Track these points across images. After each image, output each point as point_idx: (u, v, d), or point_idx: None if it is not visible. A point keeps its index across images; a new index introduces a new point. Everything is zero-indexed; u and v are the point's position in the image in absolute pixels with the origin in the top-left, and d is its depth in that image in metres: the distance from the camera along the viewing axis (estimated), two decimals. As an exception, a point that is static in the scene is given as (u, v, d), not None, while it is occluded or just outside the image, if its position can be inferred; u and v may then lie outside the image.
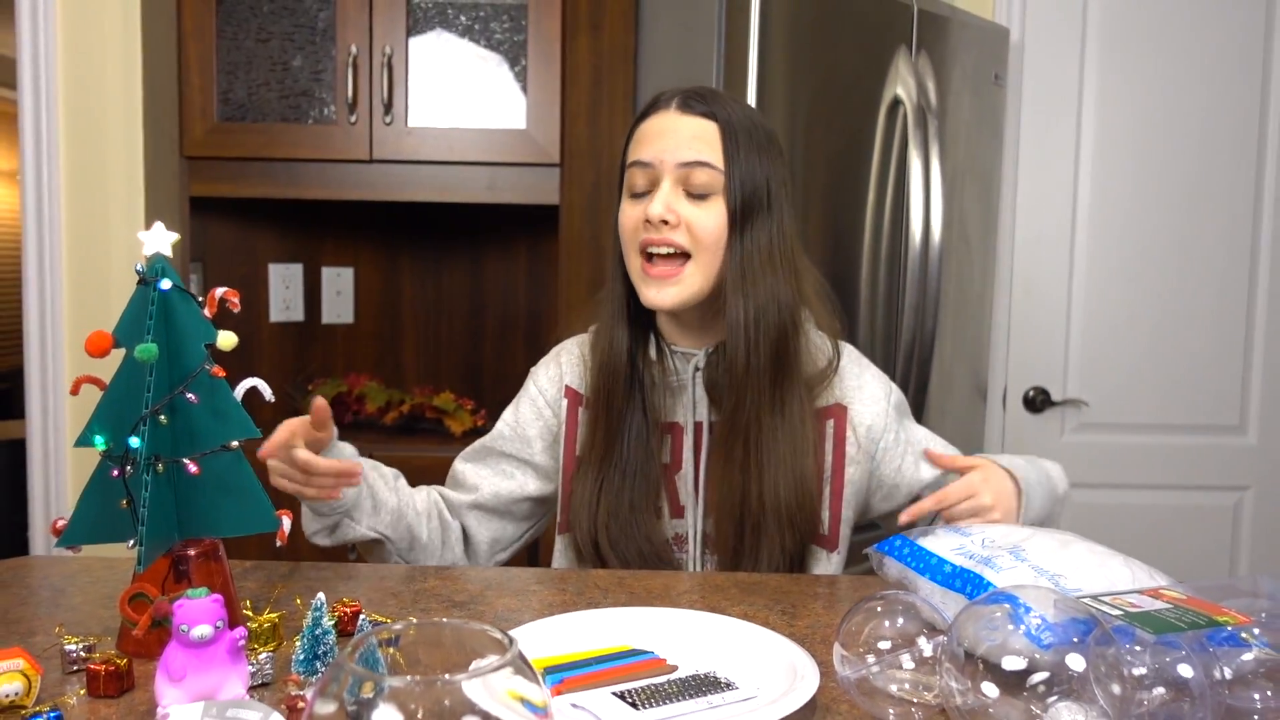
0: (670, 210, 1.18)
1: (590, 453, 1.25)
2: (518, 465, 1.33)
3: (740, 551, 1.21)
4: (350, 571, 1.15)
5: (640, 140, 1.23)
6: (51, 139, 2.20)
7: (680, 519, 1.26)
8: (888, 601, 0.82)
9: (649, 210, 1.18)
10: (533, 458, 1.33)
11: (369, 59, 2.23)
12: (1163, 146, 2.53)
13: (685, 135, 1.19)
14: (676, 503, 1.26)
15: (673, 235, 1.19)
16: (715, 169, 1.19)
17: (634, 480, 1.22)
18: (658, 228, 1.18)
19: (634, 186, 1.22)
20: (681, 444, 1.26)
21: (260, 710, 0.69)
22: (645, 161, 1.20)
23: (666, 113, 1.22)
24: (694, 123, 1.20)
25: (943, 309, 2.24)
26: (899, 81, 2.13)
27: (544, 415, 1.33)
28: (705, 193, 1.19)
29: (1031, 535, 0.97)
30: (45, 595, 1.07)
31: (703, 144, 1.19)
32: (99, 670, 0.81)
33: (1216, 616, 0.75)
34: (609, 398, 1.24)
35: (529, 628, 0.93)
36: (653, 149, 1.20)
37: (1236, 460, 2.63)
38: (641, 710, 0.79)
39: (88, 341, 0.87)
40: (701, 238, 1.19)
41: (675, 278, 1.19)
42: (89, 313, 2.23)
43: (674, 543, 1.26)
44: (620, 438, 1.23)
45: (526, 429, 1.33)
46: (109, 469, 0.88)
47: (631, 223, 1.21)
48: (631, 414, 1.23)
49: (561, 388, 1.33)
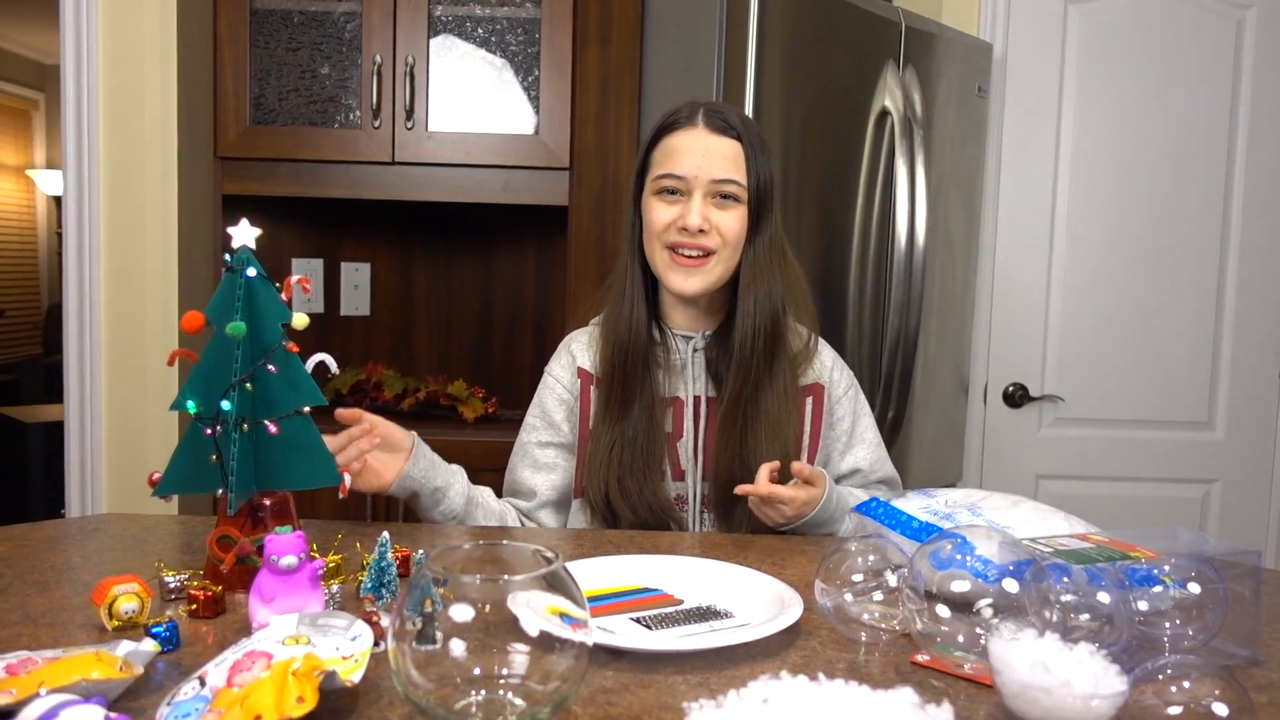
0: (706, 221, 1.37)
1: (603, 423, 1.41)
2: (557, 451, 1.49)
3: (736, 510, 1.37)
4: (397, 529, 1.30)
5: (672, 154, 1.40)
6: (93, 140, 2.33)
7: (681, 482, 1.42)
8: (862, 544, 0.97)
9: (688, 221, 1.36)
10: (565, 438, 1.49)
11: (392, 68, 2.37)
12: (1137, 156, 2.64)
13: (716, 156, 1.38)
14: (678, 467, 1.42)
15: (705, 241, 1.37)
16: (741, 185, 1.38)
17: (641, 446, 1.39)
18: (693, 234, 1.36)
19: (665, 188, 1.39)
20: (683, 415, 1.43)
21: (346, 618, 0.84)
22: (680, 175, 1.38)
23: (695, 130, 1.40)
24: (723, 143, 1.39)
25: (926, 309, 2.35)
26: (887, 93, 2.25)
27: (565, 400, 1.49)
28: (732, 199, 1.38)
29: (987, 496, 1.13)
30: (130, 543, 1.22)
31: (730, 163, 1.38)
32: (199, 595, 0.96)
33: (1130, 553, 0.90)
34: (625, 371, 1.41)
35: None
36: (686, 165, 1.38)
37: (1205, 455, 2.74)
38: (654, 630, 0.94)
39: (184, 319, 1.02)
40: (728, 239, 1.38)
41: (702, 268, 1.38)
42: (124, 303, 2.36)
43: (676, 503, 1.42)
44: (630, 408, 1.39)
45: (553, 414, 1.49)
46: (201, 429, 1.03)
47: (663, 221, 1.39)
48: (640, 387, 1.40)
49: (575, 371, 1.49)
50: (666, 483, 1.42)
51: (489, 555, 0.80)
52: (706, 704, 0.75)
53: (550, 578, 0.73)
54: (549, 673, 0.73)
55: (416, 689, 0.72)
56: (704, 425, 1.43)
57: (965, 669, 0.86)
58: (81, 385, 2.39)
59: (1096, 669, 0.75)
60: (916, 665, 0.89)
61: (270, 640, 0.80)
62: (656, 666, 0.87)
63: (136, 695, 0.79)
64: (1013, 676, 0.75)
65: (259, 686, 0.73)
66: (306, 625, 0.84)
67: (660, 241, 1.40)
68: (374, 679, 0.82)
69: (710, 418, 1.42)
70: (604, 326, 1.47)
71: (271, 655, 0.77)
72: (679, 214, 1.38)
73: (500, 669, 0.74)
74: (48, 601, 1.00)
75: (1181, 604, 0.92)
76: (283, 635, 0.81)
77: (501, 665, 0.74)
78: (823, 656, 0.91)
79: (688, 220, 1.37)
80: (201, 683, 0.77)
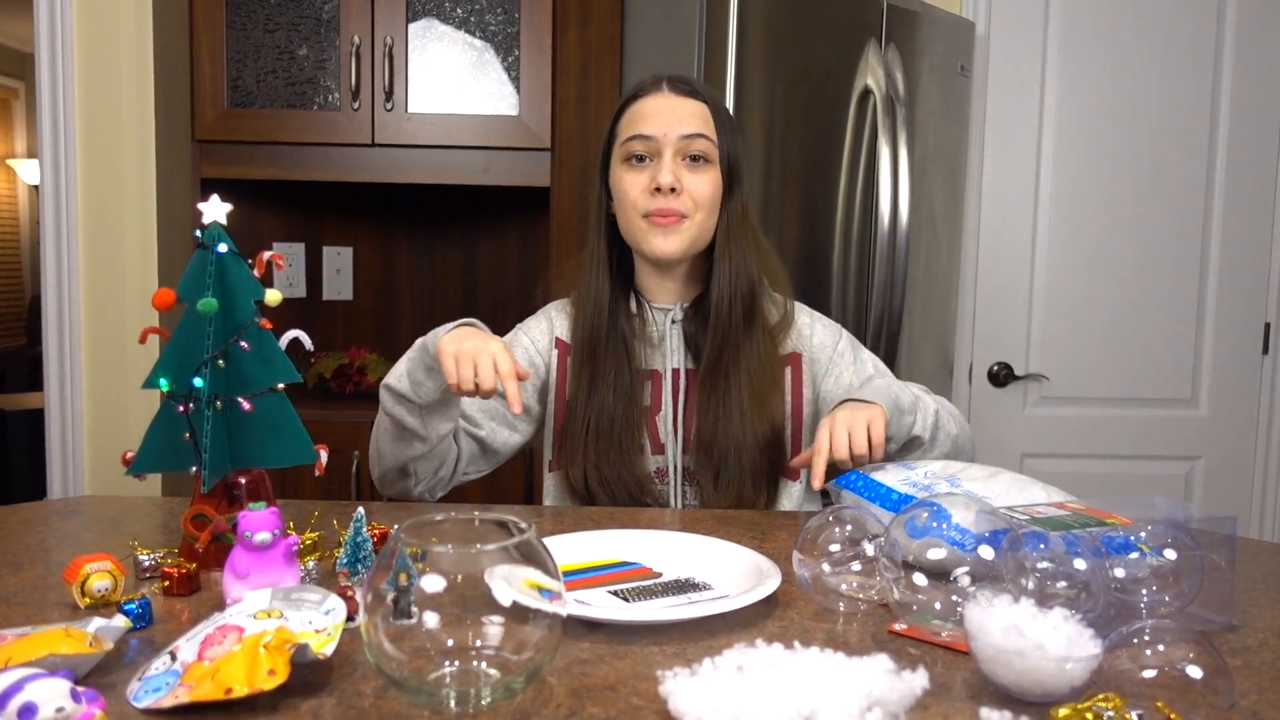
0: (677, 179, 1.35)
1: (577, 397, 1.40)
2: (519, 418, 1.46)
3: (719, 480, 1.36)
4: (372, 508, 1.29)
5: (637, 117, 1.39)
6: (69, 127, 2.31)
7: (661, 455, 1.42)
8: (839, 514, 0.97)
9: (659, 179, 1.34)
10: (527, 399, 1.46)
11: (371, 49, 2.35)
12: (1120, 135, 2.65)
13: (684, 113, 1.37)
14: (657, 440, 1.42)
15: (676, 204, 1.36)
16: (711, 140, 1.37)
17: (618, 421, 1.38)
18: (666, 197, 1.35)
19: (633, 153, 1.38)
20: (660, 388, 1.42)
21: (319, 592, 0.84)
22: (647, 135, 1.37)
23: (660, 94, 1.40)
24: (688, 103, 1.38)
25: (910, 289, 2.36)
26: (869, 72, 2.25)
27: (535, 365, 1.47)
28: (702, 160, 1.37)
29: (966, 468, 1.13)
30: (106, 524, 1.21)
31: (699, 120, 1.37)
32: (173, 572, 0.95)
33: (1105, 520, 0.90)
34: (592, 345, 1.40)
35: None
36: (653, 124, 1.37)
37: (1188, 432, 2.76)
38: (632, 603, 0.94)
39: (155, 297, 1.01)
40: (700, 200, 1.37)
41: (678, 227, 1.36)
42: (104, 289, 2.35)
43: (655, 476, 1.41)
44: (604, 382, 1.38)
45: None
46: (173, 407, 1.02)
47: (636, 188, 1.37)
48: (614, 361, 1.39)
49: (552, 339, 1.48)
50: (645, 456, 1.41)
51: (461, 528, 0.79)
52: (681, 673, 0.74)
53: (522, 547, 0.73)
54: (522, 643, 0.73)
55: (390, 661, 0.72)
56: (683, 398, 1.42)
57: (942, 636, 0.86)
58: (61, 370, 2.38)
59: (1070, 633, 0.75)
60: (894, 634, 0.89)
61: (242, 614, 0.79)
62: (633, 638, 0.87)
63: (108, 671, 0.78)
64: (987, 641, 0.75)
65: (230, 660, 0.73)
66: (280, 600, 0.83)
67: (636, 211, 1.38)
68: (348, 652, 0.82)
69: (690, 390, 1.41)
70: (574, 305, 1.46)
71: (243, 629, 0.76)
72: (649, 177, 1.36)
73: (474, 640, 0.73)
74: (20, 581, 0.99)
75: (1158, 571, 0.93)
76: (255, 609, 0.80)
77: (475, 636, 0.73)
78: (800, 626, 0.91)
79: (660, 178, 1.35)
80: (173, 657, 0.77)
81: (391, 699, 0.74)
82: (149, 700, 0.72)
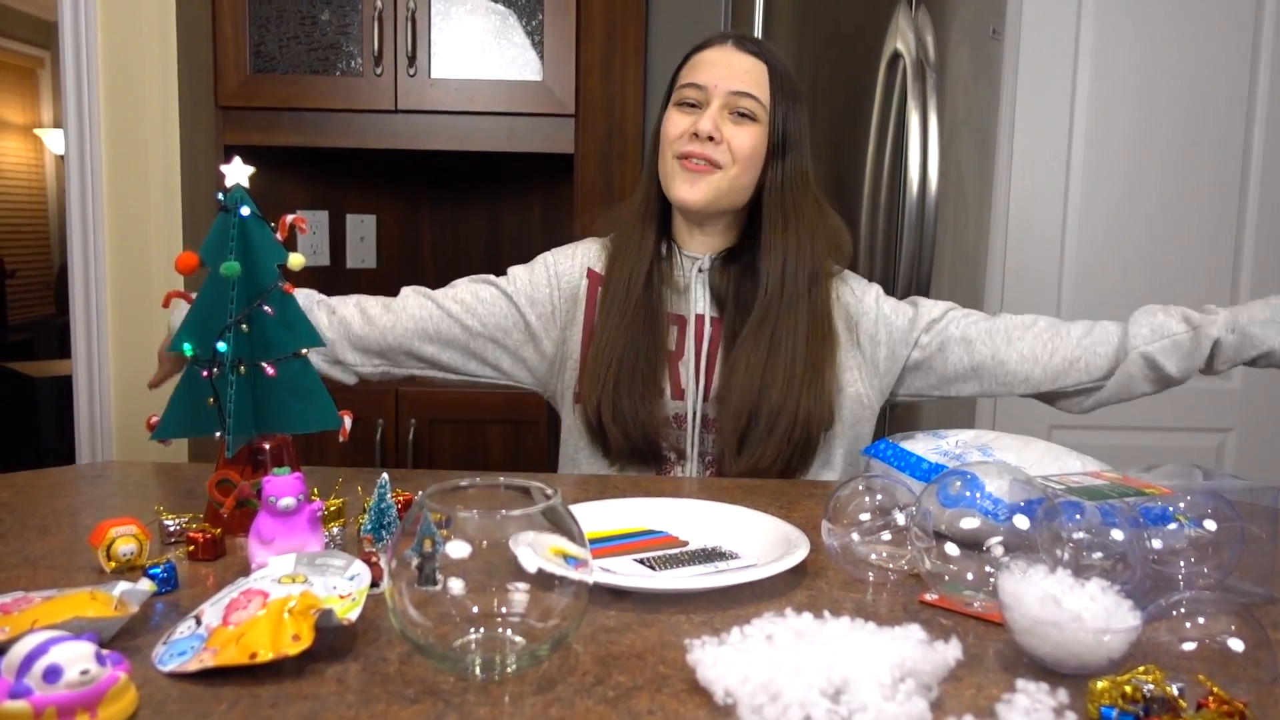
0: (716, 128, 1.34)
1: (604, 332, 1.39)
2: (526, 336, 1.47)
3: (749, 440, 1.34)
4: (398, 475, 1.29)
5: (696, 66, 1.39)
6: (93, 94, 2.31)
7: (680, 400, 1.40)
8: (869, 483, 0.95)
9: (699, 125, 1.34)
10: (508, 319, 1.47)
11: (394, 13, 2.33)
12: (1156, 100, 2.59)
13: (738, 69, 1.37)
14: (678, 385, 1.41)
15: (714, 152, 1.35)
16: (760, 102, 1.36)
17: (642, 358, 1.37)
18: (702, 142, 1.34)
19: (685, 99, 1.38)
20: (685, 334, 1.41)
21: (344, 558, 0.83)
22: (700, 84, 1.37)
23: (723, 47, 1.39)
24: (747, 59, 1.38)
25: (939, 256, 2.32)
26: (899, 36, 2.21)
27: (553, 294, 1.46)
28: (748, 117, 1.36)
29: (998, 437, 1.11)
30: (132, 489, 1.21)
31: (752, 79, 1.36)
32: (198, 537, 0.95)
33: (1144, 489, 0.88)
34: (629, 285, 1.39)
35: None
36: (707, 74, 1.37)
37: (1221, 403, 2.72)
38: (658, 571, 0.93)
39: (178, 260, 1.00)
40: (738, 155, 1.36)
41: (708, 175, 1.35)
42: (129, 256, 2.35)
43: (674, 421, 1.40)
44: (630, 319, 1.38)
45: (536, 292, 1.47)
46: (197, 372, 1.01)
47: (677, 130, 1.37)
48: (644, 302, 1.38)
49: (584, 270, 1.47)
50: (664, 400, 1.40)
51: (486, 494, 0.78)
52: (710, 641, 0.73)
53: (548, 513, 0.72)
54: (548, 610, 0.72)
55: (415, 627, 0.71)
56: (706, 345, 1.41)
57: (975, 607, 0.85)
58: (88, 337, 2.39)
59: (1109, 604, 0.73)
60: (925, 604, 0.88)
61: (267, 579, 0.79)
62: (660, 606, 0.86)
63: (134, 635, 0.78)
64: (1023, 612, 0.73)
65: (254, 624, 0.72)
66: (304, 565, 0.83)
67: (671, 151, 1.38)
68: (372, 618, 0.81)
69: (714, 339, 1.41)
70: (613, 243, 1.46)
71: (268, 594, 0.76)
72: (693, 121, 1.36)
73: (499, 607, 0.73)
74: (47, 545, 0.99)
75: (1197, 542, 0.90)
76: (280, 574, 0.80)
77: (500, 603, 0.73)
78: (829, 596, 0.89)
79: (700, 125, 1.35)
80: (198, 621, 0.76)
81: (416, 665, 0.74)
82: (174, 664, 0.72)
